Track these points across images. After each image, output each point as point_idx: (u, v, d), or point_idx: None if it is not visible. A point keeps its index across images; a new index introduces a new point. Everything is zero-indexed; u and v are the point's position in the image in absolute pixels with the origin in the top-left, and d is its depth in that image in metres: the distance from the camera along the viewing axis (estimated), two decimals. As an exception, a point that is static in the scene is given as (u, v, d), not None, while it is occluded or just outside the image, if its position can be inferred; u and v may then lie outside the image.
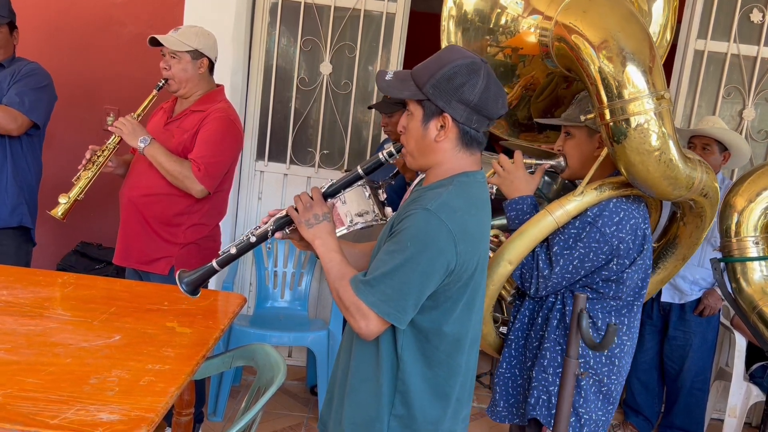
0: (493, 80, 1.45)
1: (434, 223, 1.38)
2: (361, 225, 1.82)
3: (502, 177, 1.94)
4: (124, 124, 2.51)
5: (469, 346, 1.53)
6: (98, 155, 2.51)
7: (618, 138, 1.75)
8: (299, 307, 3.61)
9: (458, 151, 1.47)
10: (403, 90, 1.46)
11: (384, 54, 3.61)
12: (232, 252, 1.63)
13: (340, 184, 1.60)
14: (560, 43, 1.86)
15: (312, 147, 3.75)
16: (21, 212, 2.85)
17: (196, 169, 2.51)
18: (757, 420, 3.74)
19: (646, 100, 1.72)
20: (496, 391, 2.02)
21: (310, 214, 1.53)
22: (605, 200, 1.81)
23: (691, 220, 2.04)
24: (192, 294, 1.69)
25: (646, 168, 1.75)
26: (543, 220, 1.83)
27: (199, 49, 2.59)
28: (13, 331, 1.77)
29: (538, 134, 2.27)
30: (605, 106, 1.74)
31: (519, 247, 1.84)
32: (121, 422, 1.37)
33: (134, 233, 2.61)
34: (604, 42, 1.73)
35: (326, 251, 1.51)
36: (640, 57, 1.73)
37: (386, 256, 1.42)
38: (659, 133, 1.74)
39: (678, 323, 3.27)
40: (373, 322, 1.42)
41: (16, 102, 2.74)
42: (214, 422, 3.14)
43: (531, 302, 1.96)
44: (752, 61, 3.57)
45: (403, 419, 1.49)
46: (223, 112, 2.62)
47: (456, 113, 1.43)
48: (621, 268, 1.82)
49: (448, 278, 1.43)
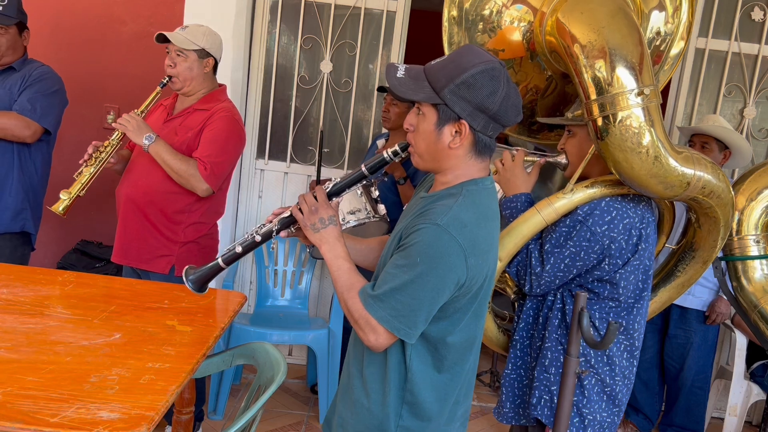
0: (512, 86, 1.40)
1: (444, 239, 1.35)
2: (353, 223, 1.81)
3: (500, 174, 1.94)
4: (129, 121, 2.49)
5: (470, 350, 1.52)
6: (100, 151, 2.49)
7: (602, 134, 1.72)
8: (299, 305, 3.61)
9: (470, 158, 1.44)
10: (418, 92, 1.40)
11: (384, 52, 3.60)
12: (238, 250, 1.62)
13: (344, 183, 1.55)
14: (549, 38, 1.84)
15: (312, 145, 3.75)
16: (24, 217, 2.83)
17: (202, 168, 2.50)
18: (758, 419, 3.74)
19: (630, 95, 1.69)
20: (502, 392, 2.00)
21: (315, 218, 1.50)
22: (597, 199, 1.79)
23: (704, 221, 1.98)
24: (199, 291, 1.69)
25: (630, 165, 1.72)
26: (532, 217, 1.82)
27: (206, 48, 2.59)
28: (13, 330, 1.77)
29: (549, 132, 2.26)
30: (592, 101, 1.72)
31: (507, 244, 1.83)
32: (122, 420, 1.37)
33: (133, 231, 2.60)
34: (591, 37, 1.71)
35: (334, 258, 1.48)
36: (626, 52, 1.70)
37: (395, 270, 1.39)
38: (644, 129, 1.70)
39: (679, 322, 3.27)
40: (383, 336, 1.40)
41: (28, 109, 2.72)
42: (215, 420, 3.14)
43: (533, 302, 1.95)
44: (753, 59, 3.57)
45: (410, 430, 1.48)
46: (228, 111, 2.62)
47: (475, 122, 1.39)
48: (614, 268, 1.79)
49: (458, 291, 1.40)
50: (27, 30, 2.87)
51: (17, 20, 2.79)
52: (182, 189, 2.54)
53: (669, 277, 2.15)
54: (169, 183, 2.53)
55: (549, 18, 1.84)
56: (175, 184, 2.53)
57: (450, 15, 2.02)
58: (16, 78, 2.80)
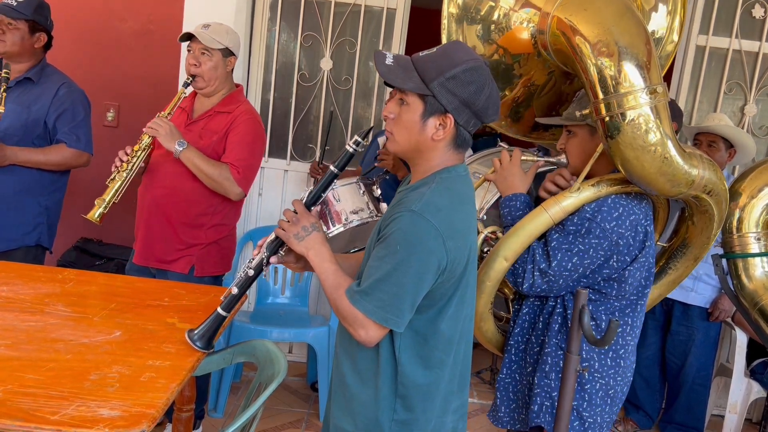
0: (494, 86, 1.45)
1: (421, 224, 1.38)
2: (356, 222, 1.81)
3: (498, 173, 1.93)
4: (161, 125, 2.45)
5: (458, 340, 1.53)
6: (131, 156, 2.45)
7: (612, 133, 1.73)
8: (300, 303, 3.61)
9: (448, 150, 1.48)
10: (407, 81, 1.43)
11: (384, 49, 3.59)
12: (234, 292, 1.63)
13: (318, 188, 1.57)
14: (556, 38, 1.84)
15: (312, 143, 3.75)
16: (40, 231, 2.81)
17: (235, 172, 2.51)
18: (758, 416, 3.74)
19: (640, 94, 1.69)
20: (497, 397, 1.99)
21: (297, 228, 1.51)
22: (603, 197, 1.79)
23: (699, 218, 2.00)
24: (207, 348, 1.71)
25: (641, 164, 1.72)
26: (539, 216, 1.82)
27: (230, 47, 2.58)
28: (13, 327, 1.77)
29: (545, 132, 2.25)
30: (600, 101, 1.72)
31: (514, 244, 1.83)
32: (122, 418, 1.37)
33: (156, 233, 2.59)
34: (599, 37, 1.72)
35: (320, 261, 1.50)
36: (635, 51, 1.71)
37: (377, 263, 1.41)
38: (654, 128, 1.71)
39: (681, 319, 3.27)
40: (372, 330, 1.42)
41: (74, 140, 2.76)
42: (215, 418, 3.14)
43: (530, 306, 1.94)
44: (754, 56, 3.56)
45: (405, 423, 1.48)
46: (250, 114, 2.63)
47: (459, 116, 1.42)
48: (622, 265, 1.79)
49: (442, 276, 1.42)
50: (43, 33, 2.78)
51: (28, 18, 2.71)
52: (207, 191, 2.54)
53: (660, 274, 2.16)
54: (195, 184, 2.52)
55: (555, 18, 1.83)
56: (201, 186, 2.52)
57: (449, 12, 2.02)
58: (35, 93, 2.74)
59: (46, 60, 2.86)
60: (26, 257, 2.76)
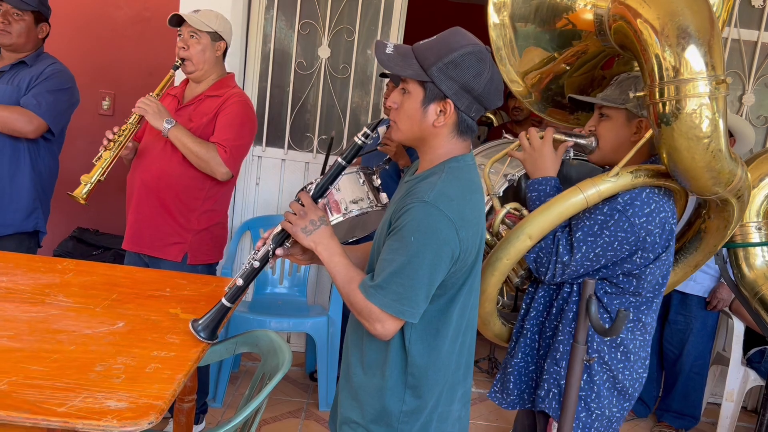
0: (496, 71, 1.44)
1: (434, 214, 1.37)
2: (356, 212, 1.79)
3: (527, 153, 1.85)
4: (149, 104, 2.45)
5: (464, 329, 1.53)
6: (118, 135, 2.45)
7: (667, 120, 1.63)
8: (298, 292, 3.60)
9: (453, 137, 1.47)
10: (406, 68, 1.42)
11: (383, 37, 3.57)
12: (239, 283, 1.61)
13: (326, 180, 1.56)
14: (618, 21, 1.76)
15: (310, 132, 3.72)
16: (36, 216, 2.79)
17: (222, 152, 2.50)
18: (753, 404, 3.78)
19: (702, 82, 1.59)
20: (509, 380, 1.96)
21: (305, 222, 1.50)
22: (639, 188, 1.73)
23: (716, 215, 1.94)
24: (211, 339, 1.69)
25: (691, 155, 1.63)
26: (573, 197, 1.73)
27: (219, 31, 2.58)
28: (14, 318, 1.75)
29: (569, 114, 2.18)
30: (656, 84, 1.63)
31: (542, 223, 1.75)
32: (130, 410, 1.35)
33: (146, 218, 2.58)
34: (666, 18, 1.62)
35: (330, 256, 1.49)
36: (703, 36, 1.59)
37: (391, 255, 1.40)
38: (712, 120, 1.62)
39: (679, 307, 3.29)
40: (389, 323, 1.41)
41: (33, 104, 2.65)
42: (214, 408, 3.14)
43: (546, 291, 1.90)
44: (752, 46, 3.56)
45: (413, 413, 1.48)
46: (241, 97, 2.62)
47: (459, 101, 1.42)
48: (645, 262, 1.74)
49: (454, 266, 1.42)
50: (46, 23, 2.79)
51: (34, 8, 2.71)
52: (198, 173, 2.53)
53: None
54: (184, 167, 2.51)
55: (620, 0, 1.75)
56: (191, 168, 2.51)
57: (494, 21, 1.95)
58: (26, 74, 2.72)
59: (43, 48, 2.84)
60: (20, 246, 2.74)
